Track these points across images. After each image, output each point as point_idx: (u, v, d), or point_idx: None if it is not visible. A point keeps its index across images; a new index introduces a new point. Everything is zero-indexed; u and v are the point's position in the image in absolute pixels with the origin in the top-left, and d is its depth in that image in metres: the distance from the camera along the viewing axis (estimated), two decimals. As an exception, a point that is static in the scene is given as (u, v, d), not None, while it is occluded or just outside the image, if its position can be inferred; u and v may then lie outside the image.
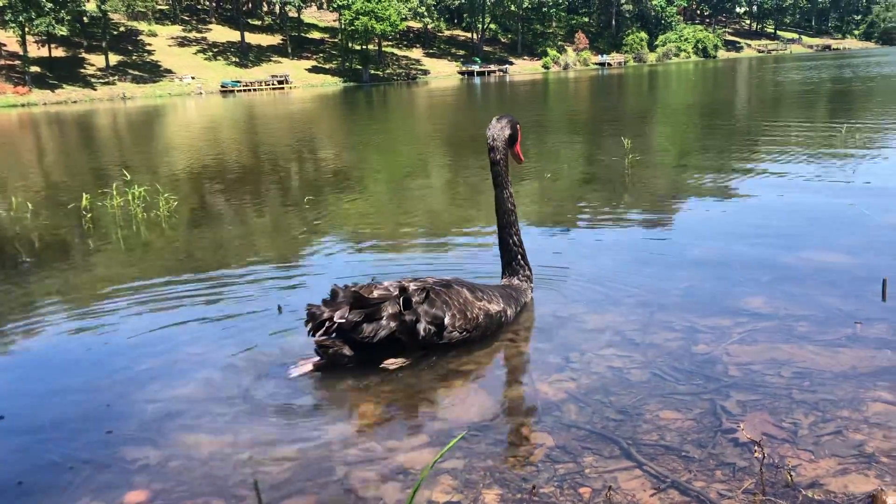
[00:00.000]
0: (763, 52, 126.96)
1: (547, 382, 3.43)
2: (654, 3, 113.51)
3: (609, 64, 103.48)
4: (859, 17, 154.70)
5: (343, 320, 3.55)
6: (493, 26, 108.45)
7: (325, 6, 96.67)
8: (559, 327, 4.12)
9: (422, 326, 3.63)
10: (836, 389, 3.15)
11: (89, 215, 8.27)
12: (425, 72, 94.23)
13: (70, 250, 6.98)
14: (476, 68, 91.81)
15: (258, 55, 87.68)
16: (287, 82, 77.91)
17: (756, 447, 2.63)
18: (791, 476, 2.52)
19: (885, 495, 2.38)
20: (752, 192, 7.71)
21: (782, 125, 14.69)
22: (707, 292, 4.52)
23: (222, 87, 73.81)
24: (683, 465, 2.67)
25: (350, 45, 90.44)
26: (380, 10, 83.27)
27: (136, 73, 76.23)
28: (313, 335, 3.68)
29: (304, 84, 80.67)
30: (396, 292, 3.67)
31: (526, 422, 3.08)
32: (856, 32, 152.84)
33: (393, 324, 3.57)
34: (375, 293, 3.65)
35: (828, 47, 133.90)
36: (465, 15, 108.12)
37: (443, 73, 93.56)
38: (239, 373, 3.72)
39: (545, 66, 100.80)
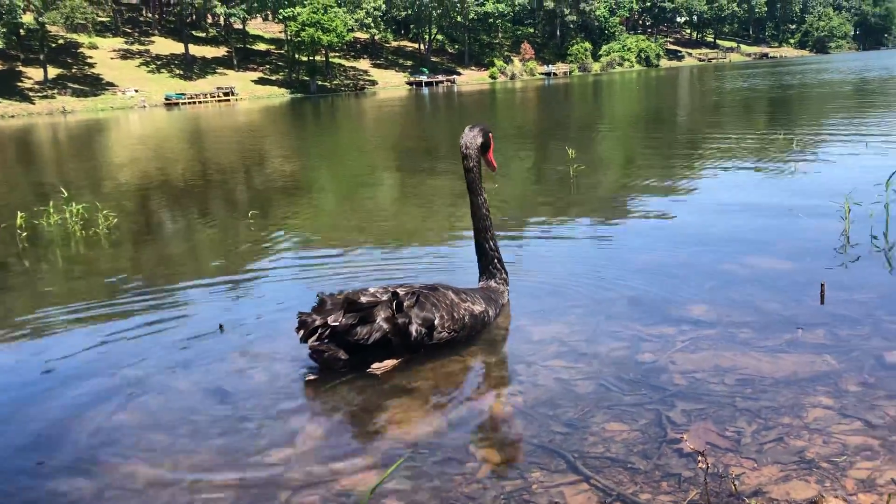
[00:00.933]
0: (703, 60, 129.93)
1: (494, 397, 3.41)
2: (597, 13, 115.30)
3: (555, 74, 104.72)
4: (794, 26, 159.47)
5: (338, 323, 3.62)
6: (440, 37, 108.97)
7: (270, 18, 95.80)
8: (506, 340, 4.11)
9: (414, 328, 3.75)
10: (777, 396, 3.18)
11: (24, 234, 8.00)
12: (373, 82, 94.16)
13: (2, 271, 6.74)
14: (424, 79, 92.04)
15: (203, 67, 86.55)
16: (233, 94, 77.04)
17: (700, 457, 2.63)
18: (735, 485, 2.53)
19: (825, 501, 2.40)
20: (695, 200, 7.83)
21: (723, 133, 15.00)
22: (652, 300, 4.55)
23: (167, 99, 72.65)
24: (629, 477, 2.66)
25: (297, 56, 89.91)
26: (326, 21, 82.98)
27: (77, 86, 74.58)
28: (306, 341, 3.71)
29: (251, 96, 79.86)
30: (385, 297, 3.75)
31: (473, 438, 3.04)
32: (791, 41, 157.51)
33: (386, 326, 3.67)
34: (363, 298, 3.72)
35: (765, 55, 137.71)
36: (412, 26, 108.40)
37: (391, 84, 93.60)
38: (179, 396, 3.62)
39: (492, 77, 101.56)
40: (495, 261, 4.64)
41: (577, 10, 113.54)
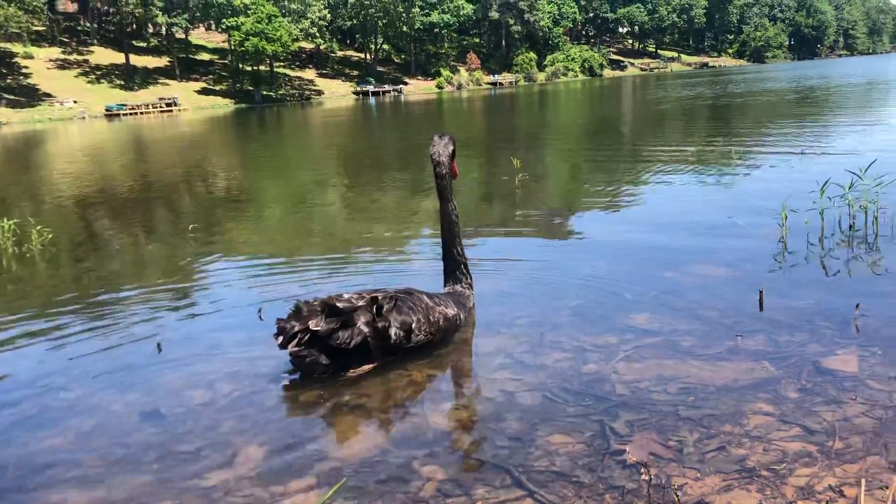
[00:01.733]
0: (646, 70, 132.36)
1: (439, 412, 3.37)
2: (541, 24, 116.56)
3: (501, 83, 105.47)
4: (732, 36, 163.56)
5: (319, 328, 3.65)
6: (386, 47, 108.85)
7: (213, 27, 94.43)
8: (451, 353, 4.07)
9: (393, 331, 3.83)
10: (719, 404, 3.21)
11: (-47, 252, 7.70)
12: (319, 92, 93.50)
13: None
14: (371, 88, 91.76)
15: (144, 77, 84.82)
16: (176, 105, 75.65)
17: (643, 469, 2.63)
18: (678, 496, 2.54)
19: (766, 510, 2.42)
20: (638, 209, 7.94)
21: (665, 142, 15.27)
22: (596, 310, 4.58)
23: (107, 110, 70.94)
24: (574, 491, 2.65)
25: (241, 66, 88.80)
26: (270, 30, 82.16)
27: (12, 97, 72.31)
28: (285, 347, 3.71)
29: (194, 106, 78.56)
30: (362, 302, 3.81)
31: (417, 455, 2.99)
32: (730, 51, 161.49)
33: (367, 330, 3.74)
34: (340, 304, 3.76)
35: (705, 65, 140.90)
36: (357, 36, 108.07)
37: (337, 94, 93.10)
38: (114, 418, 3.50)
39: (439, 86, 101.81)
40: (462, 266, 4.72)
41: (521, 21, 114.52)
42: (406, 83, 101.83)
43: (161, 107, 74.24)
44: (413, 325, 3.93)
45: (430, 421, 3.27)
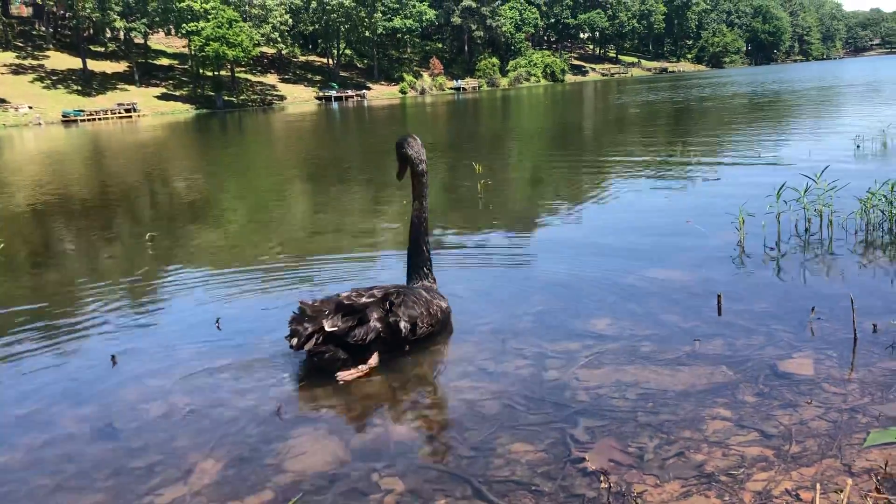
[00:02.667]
0: (607, 75, 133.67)
1: (400, 422, 3.34)
2: (503, 29, 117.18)
3: (464, 89, 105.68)
4: (691, 42, 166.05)
5: (336, 328, 3.84)
6: (348, 52, 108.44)
7: (173, 32, 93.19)
8: (411, 361, 4.04)
9: (403, 326, 4.01)
10: (678, 409, 3.23)
11: None
12: (282, 97, 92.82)
13: None
14: (334, 93, 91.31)
15: (102, 83, 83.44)
16: (135, 110, 74.52)
17: (603, 476, 2.63)
18: (637, 503, 2.54)
19: (724, 516, 2.43)
20: (597, 214, 7.99)
21: (625, 147, 15.42)
22: (557, 316, 4.58)
23: (64, 116, 69.59)
24: (534, 500, 2.63)
25: (201, 71, 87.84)
26: (231, 35, 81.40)
27: (-36, 103, 70.73)
28: (301, 348, 3.86)
29: (154, 112, 77.46)
30: (369, 299, 4.01)
31: (377, 467, 2.96)
32: (689, 56, 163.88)
33: (380, 325, 3.93)
34: (352, 302, 3.96)
35: (665, 70, 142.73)
36: (319, 41, 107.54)
37: (300, 99, 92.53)
38: (66, 434, 3.41)
39: (402, 91, 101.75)
40: (429, 262, 4.82)
41: (484, 26, 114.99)
42: (369, 88, 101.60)
43: (120, 112, 73.11)
44: (418, 319, 4.12)
45: (390, 431, 3.24)
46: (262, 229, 8.67)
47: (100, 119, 69.54)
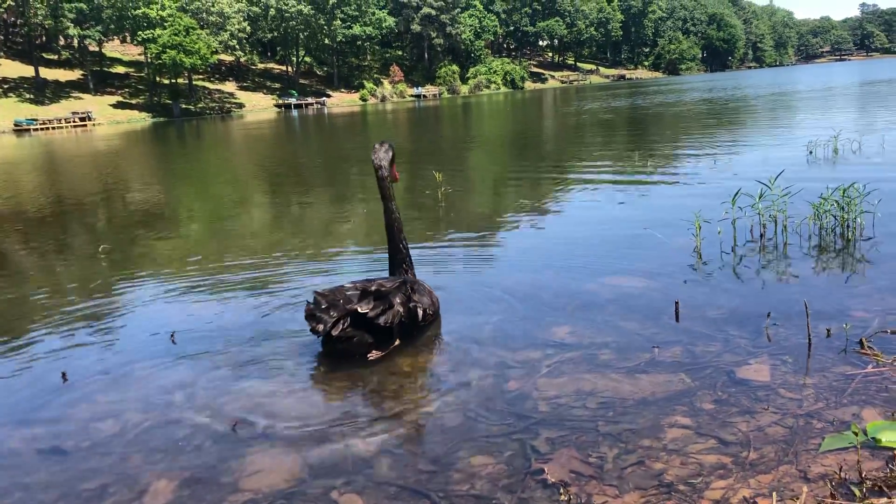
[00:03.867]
0: (566, 82, 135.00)
1: (358, 437, 3.28)
2: (463, 37, 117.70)
3: (424, 96, 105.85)
4: (648, 49, 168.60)
5: (367, 311, 4.06)
6: (308, 59, 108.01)
7: (128, 40, 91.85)
8: (371, 374, 3.99)
9: (420, 311, 4.38)
10: (637, 418, 3.23)
11: None
12: (240, 105, 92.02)
13: None
14: (293, 101, 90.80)
15: (56, 91, 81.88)
16: (90, 119, 73.24)
17: (563, 488, 2.62)
18: (597, 515, 2.53)
19: (684, 525, 2.43)
20: (556, 222, 8.03)
21: (584, 154, 15.55)
22: (517, 324, 4.58)
23: (16, 125, 68.10)
24: (495, 514, 2.61)
25: (158, 79, 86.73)
26: (188, 43, 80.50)
27: (-90, 112, 68.86)
28: (327, 335, 4.05)
29: (110, 120, 76.23)
30: (390, 284, 4.34)
31: (335, 483, 2.91)
32: (645, 63, 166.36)
33: (402, 311, 4.22)
34: (349, 293, 4.24)
35: (622, 77, 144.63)
36: (278, 48, 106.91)
37: (259, 107, 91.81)
38: (12, 455, 3.30)
39: (363, 99, 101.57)
40: (408, 259, 5.03)
41: (443, 34, 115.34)
42: (329, 96, 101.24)
43: (74, 121, 71.81)
44: (426, 307, 4.49)
45: (349, 447, 3.19)
46: (219, 240, 8.55)
47: (53, 128, 68.22)
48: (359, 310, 4.05)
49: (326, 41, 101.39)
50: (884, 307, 4.37)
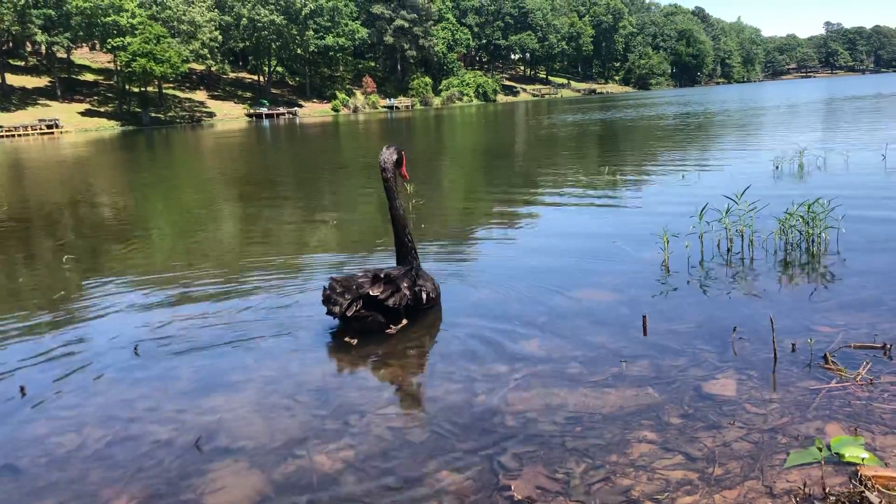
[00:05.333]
0: (537, 95, 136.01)
1: (324, 452, 3.24)
2: (436, 49, 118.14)
3: (397, 107, 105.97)
4: (618, 64, 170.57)
5: (378, 294, 4.59)
6: (279, 69, 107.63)
7: (98, 47, 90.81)
8: (338, 388, 3.95)
9: (424, 295, 4.94)
10: (605, 433, 3.23)
11: None
12: (211, 114, 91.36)
13: None
14: (265, 111, 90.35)
15: (22, 98, 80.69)
16: (57, 127, 72.18)
17: (530, 505, 2.60)
18: (564, 532, 2.51)
19: (650, 542, 2.42)
20: (527, 235, 8.04)
21: (554, 168, 15.62)
22: (486, 337, 4.56)
23: (-20, 132, 67.02)
24: (461, 531, 2.58)
25: (127, 87, 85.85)
26: (159, 51, 79.83)
27: None
28: (343, 316, 4.56)
29: (78, 128, 75.23)
30: (397, 272, 4.88)
31: (300, 500, 2.86)
32: (616, 78, 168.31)
33: (409, 294, 4.79)
34: (361, 280, 4.73)
35: (593, 91, 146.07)
36: (250, 58, 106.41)
37: (230, 116, 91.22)
38: (-34, 474, 3.20)
39: (335, 109, 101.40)
40: (413, 251, 5.39)
41: (416, 46, 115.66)
42: (301, 106, 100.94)
43: (41, 129, 70.76)
44: (430, 291, 5.02)
45: (314, 463, 3.14)
46: (185, 251, 8.44)
47: (19, 135, 67.19)
48: (370, 293, 4.56)
49: (299, 51, 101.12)
50: (847, 322, 4.42)
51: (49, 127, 71.60)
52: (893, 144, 13.70)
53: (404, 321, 4.79)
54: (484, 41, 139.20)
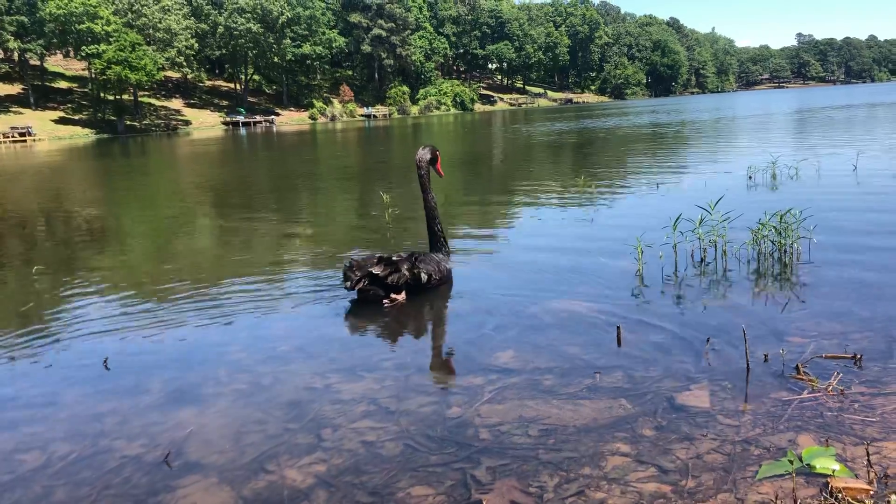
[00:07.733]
0: (514, 105, 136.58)
1: (295, 467, 3.20)
2: (413, 58, 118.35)
3: (375, 116, 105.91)
4: (594, 73, 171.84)
5: (378, 272, 5.44)
6: (256, 77, 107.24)
7: (72, 54, 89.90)
8: (312, 401, 3.90)
9: (423, 275, 5.67)
10: (578, 445, 3.22)
11: None
12: (187, 122, 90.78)
13: None
14: (241, 119, 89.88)
15: (-6, 105, 79.74)
16: (30, 134, 71.35)
17: (502, 520, 2.58)
18: (537, 547, 2.49)
19: (622, 557, 2.41)
20: (501, 245, 8.04)
21: (530, 178, 15.68)
22: (461, 349, 4.54)
23: (-50, 139, 66.07)
24: (433, 547, 2.55)
25: (102, 95, 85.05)
26: (134, 59, 79.21)
27: None
28: (354, 289, 5.49)
29: (51, 136, 74.42)
30: (400, 255, 5.73)
31: (270, 517, 2.82)
32: (592, 87, 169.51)
33: (407, 274, 5.57)
34: (391, 258, 5.64)
35: (570, 101, 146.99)
36: (227, 66, 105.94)
37: (206, 124, 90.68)
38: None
39: (312, 118, 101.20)
40: (442, 239, 6.39)
41: (394, 55, 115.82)
42: (278, 114, 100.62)
43: (13, 136, 69.92)
44: (432, 273, 5.76)
45: (284, 478, 3.10)
46: (157, 263, 8.34)
47: (-9, 143, 66.29)
48: (373, 271, 5.43)
49: (276, 59, 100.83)
50: (819, 332, 4.45)
51: (22, 135, 70.77)
52: (863, 155, 13.91)
53: (402, 296, 5.59)
54: (461, 50, 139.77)
